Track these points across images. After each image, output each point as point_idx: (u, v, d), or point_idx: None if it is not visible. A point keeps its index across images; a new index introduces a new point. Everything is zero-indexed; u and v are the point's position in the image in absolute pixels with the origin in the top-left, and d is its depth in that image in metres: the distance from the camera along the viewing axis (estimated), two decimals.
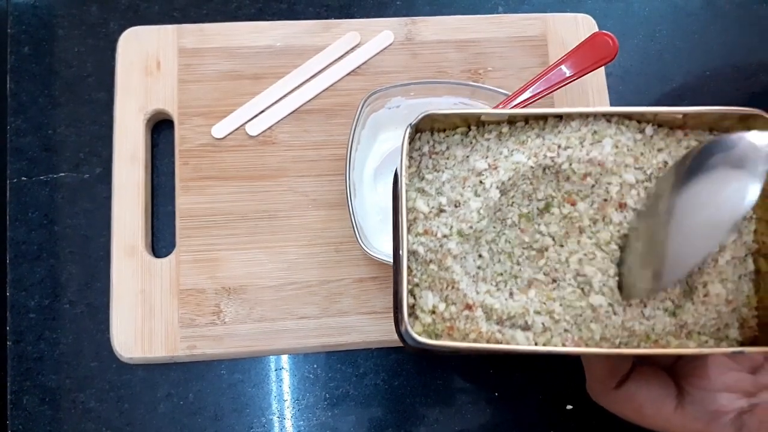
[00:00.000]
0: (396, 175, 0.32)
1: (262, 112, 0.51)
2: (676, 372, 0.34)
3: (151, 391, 0.47)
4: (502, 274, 0.30)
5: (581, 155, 0.29)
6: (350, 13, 0.55)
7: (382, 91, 0.47)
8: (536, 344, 0.28)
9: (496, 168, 0.29)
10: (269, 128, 0.50)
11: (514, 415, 0.48)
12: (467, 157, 0.30)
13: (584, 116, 0.30)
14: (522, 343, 0.28)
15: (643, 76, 0.56)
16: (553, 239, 0.30)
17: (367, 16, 0.55)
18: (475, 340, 0.28)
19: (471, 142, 0.30)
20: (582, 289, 0.29)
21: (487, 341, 0.28)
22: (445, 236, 0.28)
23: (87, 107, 0.51)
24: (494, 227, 0.30)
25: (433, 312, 0.28)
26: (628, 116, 0.30)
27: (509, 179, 0.29)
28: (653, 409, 0.32)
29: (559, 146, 0.29)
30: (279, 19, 0.54)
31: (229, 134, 0.50)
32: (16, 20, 0.53)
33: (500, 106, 0.47)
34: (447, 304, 0.28)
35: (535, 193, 0.30)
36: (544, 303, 0.29)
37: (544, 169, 0.29)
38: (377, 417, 0.48)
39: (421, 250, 0.28)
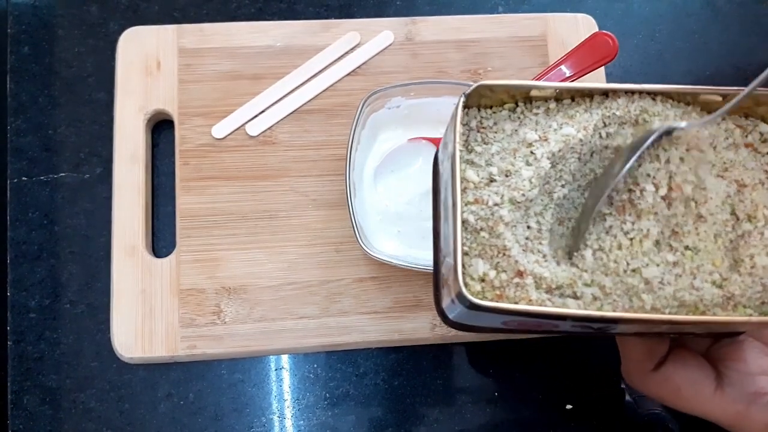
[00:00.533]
0: (436, 155, 0.33)
1: (263, 112, 0.51)
2: (712, 356, 0.34)
3: (151, 391, 0.47)
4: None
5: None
6: (350, 13, 0.55)
7: (382, 91, 0.47)
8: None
9: (546, 139, 0.30)
10: (269, 128, 0.50)
11: (514, 415, 0.48)
12: (516, 130, 0.31)
13: (630, 93, 0.31)
14: (573, 308, 0.28)
15: (643, 76, 0.56)
16: None
17: (367, 16, 0.55)
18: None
19: (519, 117, 0.31)
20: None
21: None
22: (496, 204, 0.29)
23: (87, 107, 0.51)
24: (542, 200, 0.30)
25: (483, 280, 0.28)
26: (670, 95, 0.31)
27: (559, 150, 0.30)
28: (692, 391, 0.32)
29: (605, 123, 0.30)
30: (279, 19, 0.54)
31: (229, 134, 0.50)
32: (16, 20, 0.53)
33: None
34: (497, 272, 0.28)
35: (585, 167, 0.30)
36: (594, 274, 0.29)
37: (590, 149, 0.30)
38: (377, 417, 0.48)
39: (471, 218, 0.29)
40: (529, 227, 0.29)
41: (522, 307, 0.27)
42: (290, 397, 0.48)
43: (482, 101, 0.31)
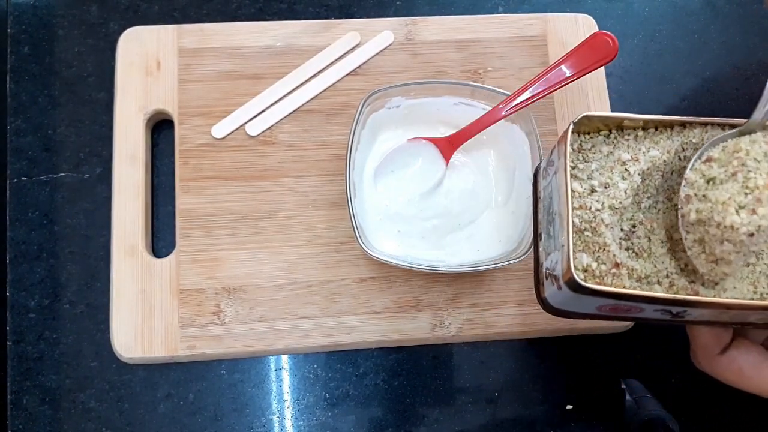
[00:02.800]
0: (537, 169, 0.41)
1: (262, 112, 0.51)
2: None
3: (151, 391, 0.47)
4: (639, 243, 0.36)
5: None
6: (350, 13, 0.55)
7: (382, 91, 0.46)
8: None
9: (637, 159, 0.37)
10: (269, 128, 0.50)
11: (514, 415, 0.48)
12: (612, 152, 0.38)
13: (704, 125, 0.38)
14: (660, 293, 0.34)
15: (643, 76, 0.56)
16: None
17: (367, 16, 0.55)
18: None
19: (613, 142, 0.38)
20: None
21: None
22: (597, 210, 0.36)
23: (87, 107, 0.51)
24: (632, 207, 0.36)
25: (586, 270, 0.35)
26: (735, 125, 0.37)
27: (647, 169, 0.37)
28: (753, 371, 0.37)
29: (684, 148, 0.37)
30: (279, 19, 0.54)
31: (229, 134, 0.50)
32: (16, 20, 0.53)
33: (500, 106, 0.47)
34: (598, 264, 0.35)
35: (666, 182, 0.37)
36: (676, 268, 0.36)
37: (671, 168, 0.37)
38: (377, 417, 0.48)
39: (577, 221, 0.36)
40: (622, 229, 0.36)
41: (620, 290, 0.33)
42: (290, 397, 0.48)
43: (581, 128, 0.38)
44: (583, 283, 0.33)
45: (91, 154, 0.51)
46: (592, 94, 0.53)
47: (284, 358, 0.48)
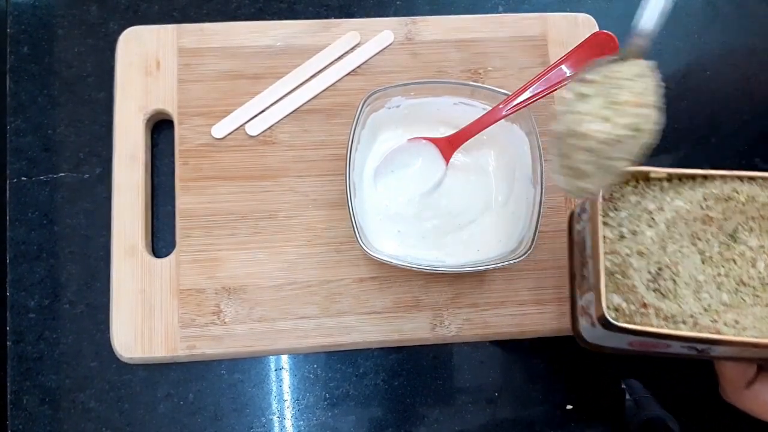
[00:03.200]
0: (571, 214, 0.45)
1: (262, 112, 0.51)
2: None
3: (151, 391, 0.47)
4: (665, 285, 0.39)
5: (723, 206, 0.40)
6: (350, 13, 0.55)
7: (382, 91, 0.46)
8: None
9: (662, 209, 0.40)
10: (269, 128, 0.50)
11: (514, 415, 0.48)
12: (639, 201, 0.41)
13: (723, 177, 0.41)
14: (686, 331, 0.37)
15: None
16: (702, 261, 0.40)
17: (367, 16, 0.55)
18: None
19: (640, 192, 0.41)
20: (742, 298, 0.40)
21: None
22: (627, 254, 0.39)
23: (87, 107, 0.51)
24: (658, 252, 0.39)
25: (617, 309, 0.38)
26: (754, 179, 0.41)
27: (672, 217, 0.40)
28: None
29: (705, 198, 0.40)
30: (279, 18, 0.54)
31: (229, 134, 0.50)
32: (16, 20, 0.53)
33: (500, 106, 0.47)
34: (627, 304, 0.38)
35: (689, 229, 0.40)
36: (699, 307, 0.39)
37: (694, 216, 0.40)
38: (377, 417, 0.48)
39: (608, 264, 0.39)
40: (649, 272, 0.39)
41: (648, 328, 0.37)
42: (290, 397, 0.48)
43: None
44: (614, 321, 0.37)
45: (91, 154, 0.51)
46: None
47: (284, 358, 0.48)
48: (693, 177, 0.41)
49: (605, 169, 0.35)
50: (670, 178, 0.41)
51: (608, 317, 0.37)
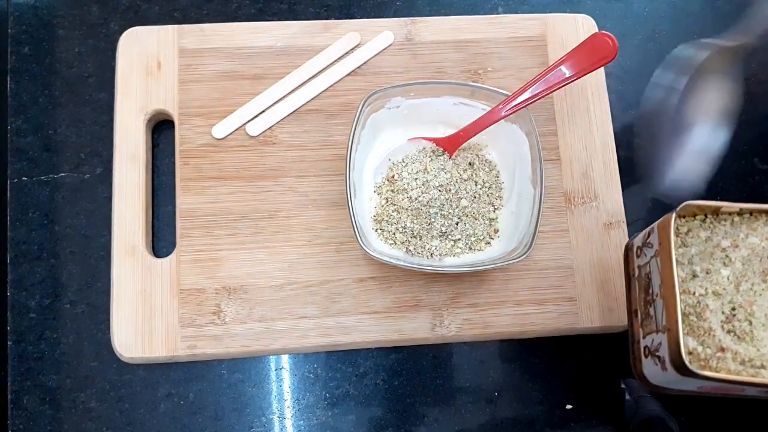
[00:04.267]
0: (629, 246, 0.43)
1: (263, 112, 0.51)
2: None
3: (151, 391, 0.47)
4: (740, 327, 0.38)
5: None
6: (350, 14, 0.55)
7: (382, 92, 0.47)
8: None
9: (737, 246, 0.39)
10: (269, 128, 0.50)
11: (514, 415, 0.48)
12: (710, 237, 0.39)
13: None
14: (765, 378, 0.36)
15: (642, 77, 0.56)
16: None
17: (367, 17, 0.55)
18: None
19: (710, 227, 0.40)
20: None
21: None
22: (701, 295, 0.38)
23: (87, 107, 0.51)
24: (732, 291, 0.38)
25: (690, 353, 0.37)
26: None
27: (747, 255, 0.39)
28: None
29: None
30: (279, 19, 0.54)
31: (229, 134, 0.50)
32: (17, 20, 0.53)
33: (500, 106, 0.47)
34: (703, 347, 0.37)
35: (761, 265, 0.39)
36: None
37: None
38: (377, 417, 0.48)
39: (681, 305, 0.37)
40: (723, 312, 0.38)
41: (734, 377, 0.35)
42: (290, 397, 0.48)
43: (680, 212, 0.39)
44: (694, 369, 0.35)
45: (92, 154, 0.51)
46: (592, 95, 0.53)
47: (284, 357, 0.48)
48: (766, 212, 0.40)
49: None
50: (741, 212, 0.40)
51: (687, 365, 0.35)
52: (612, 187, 0.51)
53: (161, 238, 0.50)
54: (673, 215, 0.38)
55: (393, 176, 0.49)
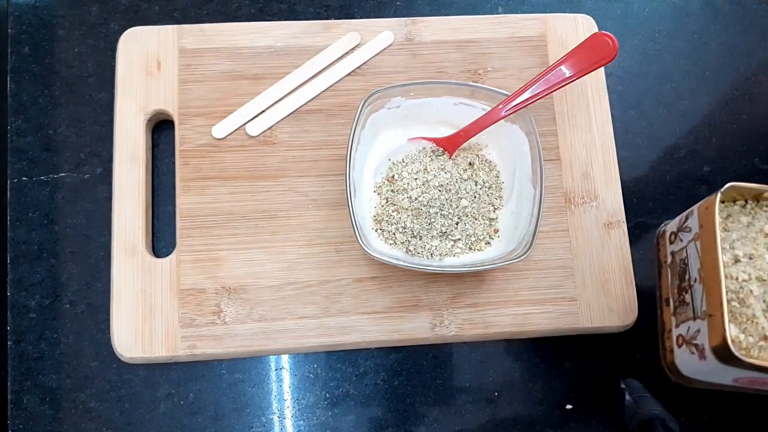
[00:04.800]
0: (660, 233, 0.42)
1: (263, 112, 0.51)
2: None
3: (151, 391, 0.47)
4: None
5: None
6: (350, 14, 0.55)
7: (382, 92, 0.47)
8: None
9: None
10: (269, 128, 0.50)
11: (514, 415, 0.48)
12: (752, 222, 0.38)
13: None
14: None
15: (642, 77, 0.56)
16: None
17: (367, 17, 0.55)
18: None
19: (751, 212, 0.39)
20: None
21: None
22: (744, 280, 0.36)
23: (87, 107, 0.51)
24: None
25: (732, 341, 0.34)
26: None
27: None
28: None
29: None
30: (279, 19, 0.54)
31: (229, 134, 0.50)
32: (17, 20, 0.53)
33: (500, 106, 0.47)
34: (745, 335, 0.35)
35: None
36: None
37: None
38: (377, 417, 0.48)
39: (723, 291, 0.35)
40: (764, 300, 0.36)
41: None
42: (290, 397, 0.48)
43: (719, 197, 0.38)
44: (739, 355, 0.33)
45: (92, 154, 0.51)
46: (592, 95, 0.53)
47: (284, 357, 0.48)
48: None
49: None
50: None
51: (732, 349, 0.33)
52: (612, 187, 0.51)
53: (161, 238, 0.50)
54: (717, 196, 0.37)
55: (393, 176, 0.49)
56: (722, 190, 0.37)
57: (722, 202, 0.39)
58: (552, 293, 0.49)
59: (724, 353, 0.34)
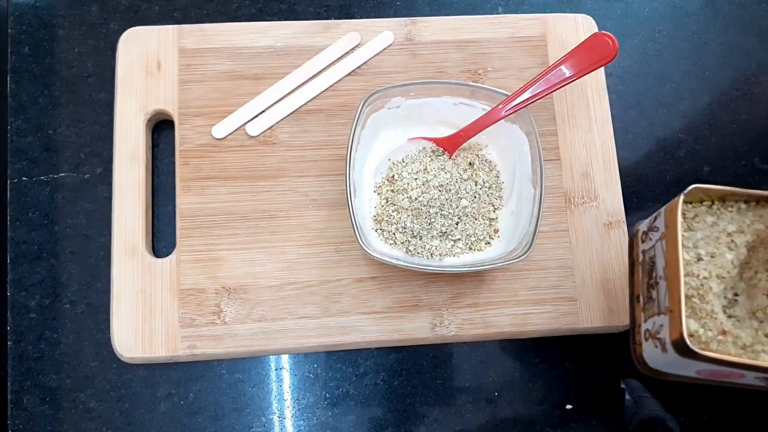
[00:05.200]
0: (634, 233, 0.43)
1: (263, 112, 0.51)
2: None
3: (151, 391, 0.47)
4: (741, 312, 0.38)
5: None
6: (350, 14, 0.55)
7: (382, 92, 0.47)
8: None
9: (742, 231, 0.39)
10: (269, 128, 0.50)
11: (514, 415, 0.48)
12: (716, 222, 0.40)
13: None
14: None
15: (642, 76, 0.56)
16: None
17: (367, 17, 0.55)
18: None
19: (716, 213, 0.40)
20: None
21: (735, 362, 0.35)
22: (705, 278, 0.38)
23: (87, 107, 0.51)
24: (735, 277, 0.38)
25: (691, 335, 0.37)
26: None
27: (752, 241, 0.39)
28: None
29: None
30: (279, 19, 0.54)
31: (229, 134, 0.50)
32: (17, 20, 0.53)
33: (500, 106, 0.47)
34: (705, 330, 0.37)
35: (766, 253, 0.39)
36: None
37: None
38: (377, 417, 0.48)
39: (684, 287, 0.37)
40: (726, 297, 0.38)
41: (734, 359, 0.35)
42: (290, 397, 0.48)
43: (684, 198, 0.39)
44: (696, 349, 0.35)
45: (92, 154, 0.51)
46: (592, 95, 0.53)
47: (284, 357, 0.48)
48: None
49: None
50: (748, 199, 0.40)
51: (688, 344, 0.35)
52: (612, 187, 0.51)
53: (161, 238, 0.50)
54: (681, 197, 0.38)
55: (393, 176, 0.49)
56: (686, 191, 0.38)
57: (689, 203, 0.41)
58: (552, 293, 0.49)
59: (681, 347, 0.35)
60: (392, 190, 0.48)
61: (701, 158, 0.55)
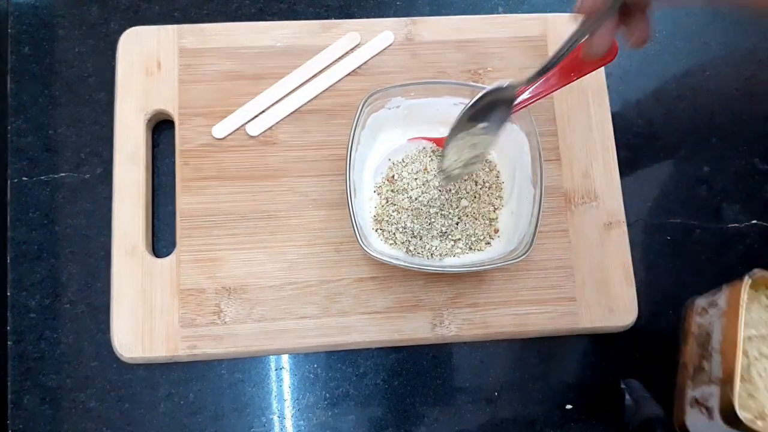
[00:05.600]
0: (690, 304, 0.46)
1: (263, 112, 0.51)
2: None
3: (151, 391, 0.47)
4: None
5: None
6: (350, 14, 0.55)
7: (382, 92, 0.47)
8: None
9: None
10: (269, 128, 0.50)
11: (514, 415, 0.48)
12: None
13: None
14: None
15: (643, 76, 0.56)
16: None
17: (368, 17, 0.55)
18: None
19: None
20: None
21: None
22: (755, 357, 0.40)
23: (87, 107, 0.51)
24: None
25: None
26: None
27: None
28: None
29: None
30: (279, 19, 0.54)
31: (229, 134, 0.50)
32: (17, 20, 0.53)
33: None
34: (744, 410, 0.39)
35: None
36: None
37: None
38: (377, 417, 0.48)
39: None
40: None
41: None
42: (290, 397, 0.48)
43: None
44: (746, 421, 0.37)
45: (92, 154, 0.51)
46: (592, 95, 0.53)
47: (284, 357, 0.48)
48: None
49: None
50: None
51: (739, 413, 0.38)
52: (612, 187, 0.51)
53: (161, 238, 0.50)
54: (747, 281, 0.41)
55: (393, 176, 0.49)
56: (751, 278, 0.41)
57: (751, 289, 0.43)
58: (552, 293, 0.49)
59: (731, 418, 0.38)
60: (392, 190, 0.48)
61: (701, 158, 0.55)
